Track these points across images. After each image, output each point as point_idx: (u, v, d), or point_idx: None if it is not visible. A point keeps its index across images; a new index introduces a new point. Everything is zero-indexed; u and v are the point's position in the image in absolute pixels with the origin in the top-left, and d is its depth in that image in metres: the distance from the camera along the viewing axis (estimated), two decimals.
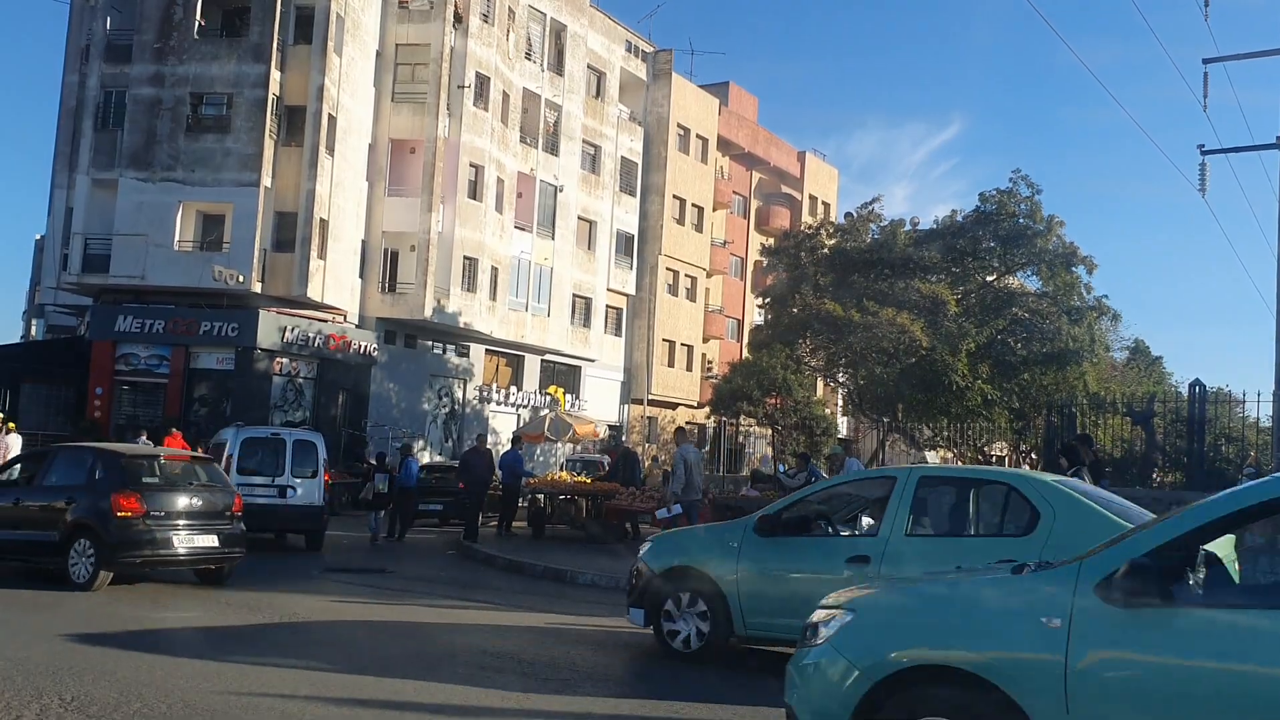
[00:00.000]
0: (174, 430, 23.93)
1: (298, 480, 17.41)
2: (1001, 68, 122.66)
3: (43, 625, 9.46)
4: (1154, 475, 19.97)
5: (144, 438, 24.24)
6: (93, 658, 8.03)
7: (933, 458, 37.91)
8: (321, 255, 30.81)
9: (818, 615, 4.92)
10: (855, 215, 33.98)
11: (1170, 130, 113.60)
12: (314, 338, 31.19)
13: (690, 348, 48.29)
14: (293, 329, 30.61)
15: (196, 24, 30.67)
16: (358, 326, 33.64)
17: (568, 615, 11.53)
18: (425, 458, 34.32)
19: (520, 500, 22.23)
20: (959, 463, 36.04)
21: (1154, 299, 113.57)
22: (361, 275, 33.98)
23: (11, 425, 21.17)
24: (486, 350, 38.84)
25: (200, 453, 23.58)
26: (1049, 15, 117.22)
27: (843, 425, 43.24)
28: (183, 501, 12.28)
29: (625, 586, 10.06)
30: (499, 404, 38.99)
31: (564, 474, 25.60)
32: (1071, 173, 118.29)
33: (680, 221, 47.38)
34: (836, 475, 14.47)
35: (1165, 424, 20.55)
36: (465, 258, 35.37)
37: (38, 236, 36.88)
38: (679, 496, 15.63)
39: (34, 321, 45.76)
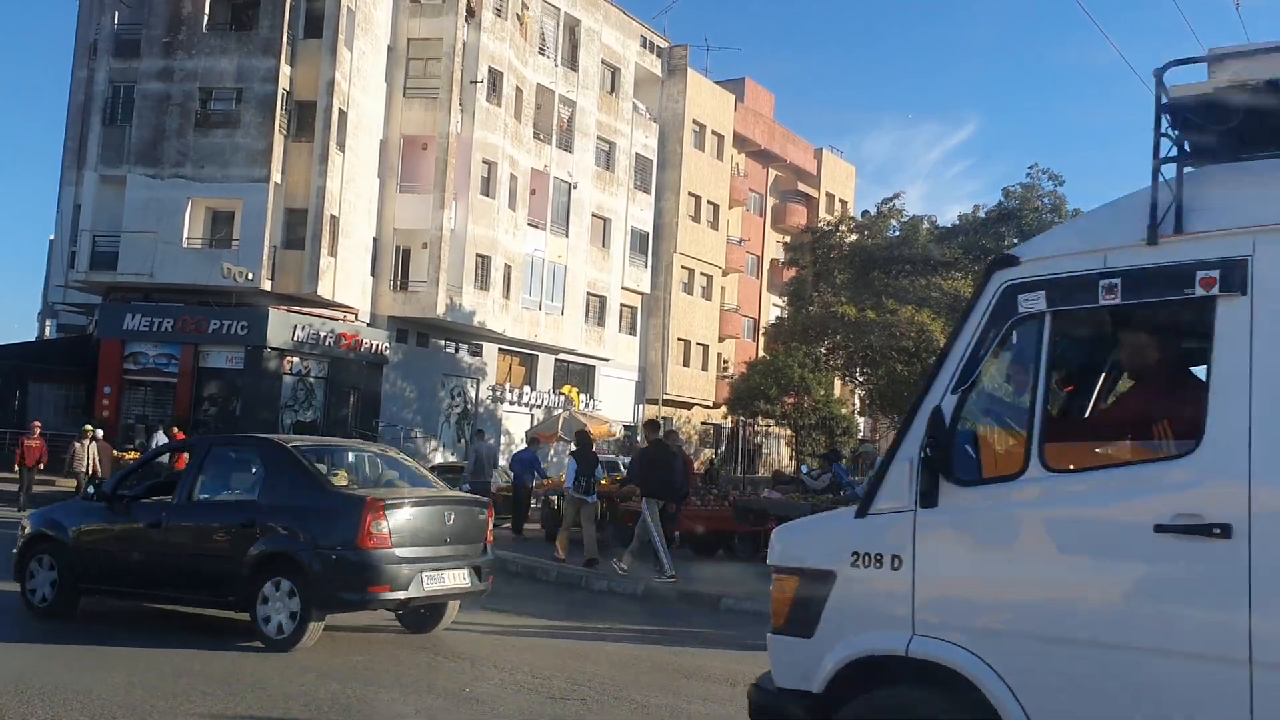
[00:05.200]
0: (175, 430, 23.45)
1: None
2: (1015, 67, 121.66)
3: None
4: None
5: (159, 435, 23.90)
6: None
7: None
8: (332, 253, 30.36)
9: None
10: (876, 211, 33.39)
11: None
12: (325, 336, 30.74)
13: (706, 347, 47.70)
14: (303, 327, 30.16)
15: (205, 18, 30.29)
16: (369, 325, 33.18)
17: (580, 624, 10.98)
18: (438, 458, 33.91)
19: (533, 502, 21.74)
20: None
21: None
22: (373, 273, 33.52)
23: None
24: (500, 349, 38.34)
25: None
26: (1056, 13, 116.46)
27: (861, 425, 42.58)
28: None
29: (639, 593, 7.98)
30: (512, 403, 38.50)
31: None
32: (1087, 170, 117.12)
33: (696, 219, 46.79)
34: (869, 474, 13.90)
35: None
36: (478, 255, 34.87)
37: (51, 238, 36.67)
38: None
39: (48, 321, 45.51)
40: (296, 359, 30.62)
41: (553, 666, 8.52)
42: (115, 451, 22.65)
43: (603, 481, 20.65)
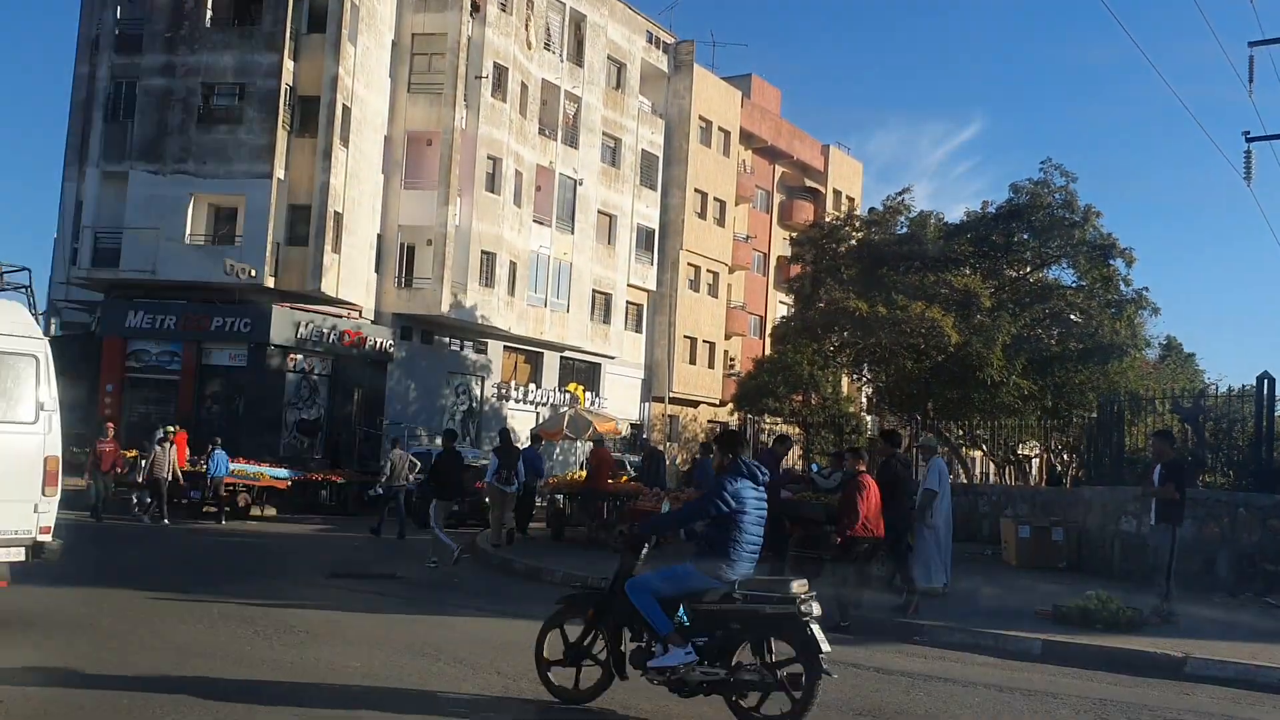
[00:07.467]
0: (178, 429, 23.14)
1: None
2: (1021, 65, 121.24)
3: None
4: (1202, 475, 18.95)
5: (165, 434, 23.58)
6: None
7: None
8: (336, 249, 30.14)
9: None
10: (884, 207, 33.00)
11: (1206, 122, 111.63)
12: (328, 333, 30.53)
13: (712, 345, 47.43)
14: (307, 325, 29.96)
15: (208, 13, 30.07)
16: (373, 322, 32.96)
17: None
18: None
19: (538, 501, 21.52)
20: (990, 464, 34.97)
21: (1185, 294, 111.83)
22: (377, 270, 33.29)
23: None
24: (505, 347, 38.11)
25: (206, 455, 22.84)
26: (1061, 11, 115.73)
27: (870, 423, 42.23)
28: None
29: None
30: (517, 401, 38.27)
31: (583, 473, 24.77)
32: (1093, 170, 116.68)
33: (702, 216, 46.53)
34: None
35: (1208, 421, 19.52)
36: (483, 252, 34.63)
37: (55, 235, 36.48)
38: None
39: (51, 319, 45.34)
40: (300, 356, 30.43)
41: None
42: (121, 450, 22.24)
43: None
